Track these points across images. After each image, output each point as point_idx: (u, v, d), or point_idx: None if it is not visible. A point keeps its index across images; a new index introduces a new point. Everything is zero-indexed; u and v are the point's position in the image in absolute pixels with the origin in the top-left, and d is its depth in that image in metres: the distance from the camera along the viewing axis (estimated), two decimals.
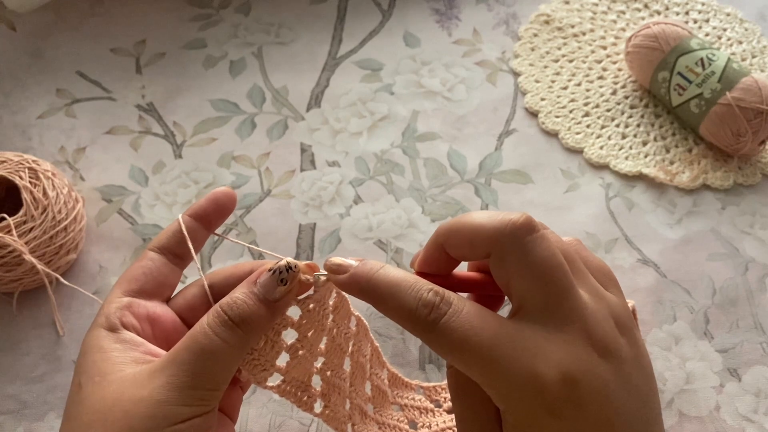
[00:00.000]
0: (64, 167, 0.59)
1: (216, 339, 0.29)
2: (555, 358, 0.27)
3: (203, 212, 0.35)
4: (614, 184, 0.59)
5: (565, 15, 0.70)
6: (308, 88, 0.65)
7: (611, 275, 0.32)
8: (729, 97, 0.57)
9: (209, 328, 0.30)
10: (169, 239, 0.35)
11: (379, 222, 0.57)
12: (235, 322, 0.30)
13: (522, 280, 0.28)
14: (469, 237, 0.30)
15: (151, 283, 0.34)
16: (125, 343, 0.31)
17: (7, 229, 0.48)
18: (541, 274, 0.28)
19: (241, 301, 0.30)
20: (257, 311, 0.30)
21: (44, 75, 0.65)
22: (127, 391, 0.28)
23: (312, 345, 0.35)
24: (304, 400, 0.36)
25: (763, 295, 0.53)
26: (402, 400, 0.44)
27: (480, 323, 0.28)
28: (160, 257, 0.34)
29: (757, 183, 0.60)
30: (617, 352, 0.28)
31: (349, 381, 0.39)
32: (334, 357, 0.37)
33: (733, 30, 0.70)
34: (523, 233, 0.28)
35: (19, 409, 0.48)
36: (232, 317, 0.30)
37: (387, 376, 0.44)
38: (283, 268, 0.31)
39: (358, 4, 0.71)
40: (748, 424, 0.47)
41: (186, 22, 0.70)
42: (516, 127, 0.63)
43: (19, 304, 0.52)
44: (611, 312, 0.29)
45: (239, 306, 0.30)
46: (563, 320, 0.28)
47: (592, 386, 0.27)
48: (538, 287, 0.28)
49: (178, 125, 0.62)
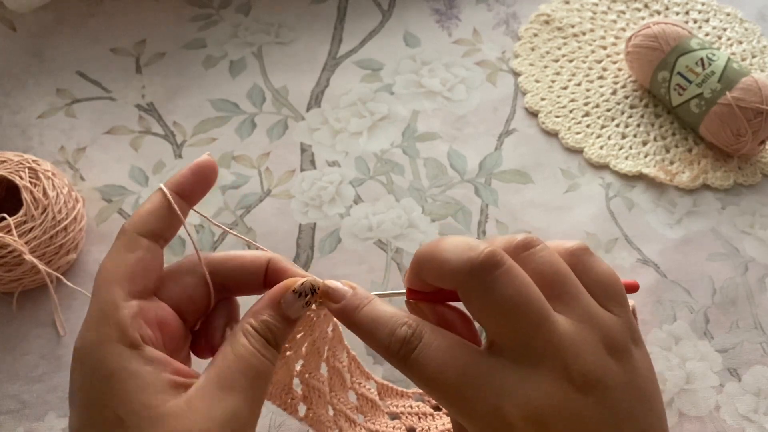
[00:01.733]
0: (64, 167, 0.59)
1: (265, 361, 0.30)
2: (523, 397, 0.26)
3: (186, 184, 0.32)
4: (614, 184, 0.59)
5: (565, 15, 0.70)
6: (308, 88, 0.65)
7: (615, 288, 0.30)
8: (729, 97, 0.57)
9: (258, 352, 0.29)
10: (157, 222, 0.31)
11: (379, 222, 0.57)
12: (272, 344, 0.30)
13: (489, 319, 0.28)
14: (436, 271, 0.29)
15: (153, 279, 0.31)
16: (153, 363, 0.28)
17: (7, 229, 0.48)
18: (506, 313, 0.27)
19: (276, 322, 0.30)
20: (287, 331, 0.31)
21: (44, 75, 0.65)
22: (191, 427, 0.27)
23: (299, 348, 0.36)
24: (288, 402, 0.37)
25: (763, 295, 0.53)
26: (397, 408, 0.44)
27: (449, 359, 0.28)
28: (155, 246, 0.31)
29: (757, 183, 0.60)
30: (603, 382, 0.27)
31: (328, 386, 0.39)
32: (312, 360, 0.38)
33: (733, 30, 0.70)
34: (485, 272, 0.27)
35: (19, 409, 0.48)
36: (270, 341, 0.30)
37: (376, 388, 0.44)
38: (308, 291, 0.31)
39: (358, 4, 0.71)
40: (748, 424, 0.47)
41: (186, 22, 0.70)
42: (516, 127, 0.63)
43: (19, 304, 0.52)
44: (602, 335, 0.28)
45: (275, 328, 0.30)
46: (536, 356, 0.27)
47: (564, 425, 0.26)
48: (506, 326, 0.27)
49: (178, 125, 0.62)
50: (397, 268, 0.54)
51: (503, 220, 0.57)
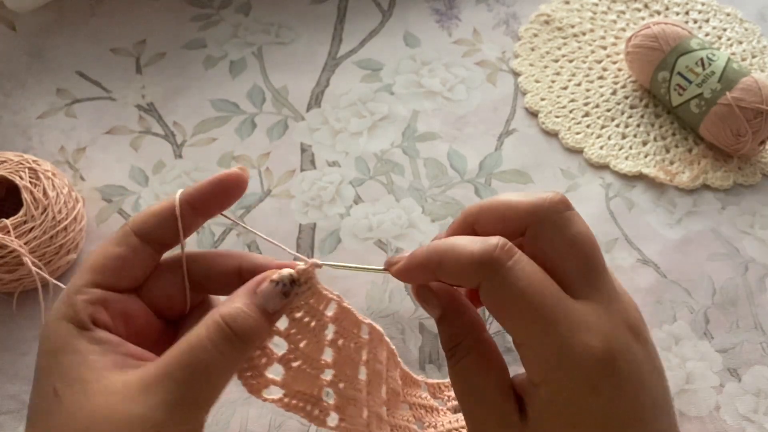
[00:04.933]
0: (64, 167, 0.59)
1: (217, 355, 0.27)
2: (602, 333, 0.27)
3: (201, 196, 0.30)
4: (614, 184, 0.59)
5: (565, 15, 0.70)
6: (308, 88, 0.65)
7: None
8: (729, 97, 0.57)
9: (210, 343, 0.27)
10: (158, 226, 0.30)
11: (379, 222, 0.57)
12: (237, 335, 0.28)
13: (562, 255, 0.28)
14: (503, 213, 0.29)
15: (128, 277, 0.30)
16: (102, 344, 0.28)
17: (6, 230, 0.48)
18: (581, 248, 0.28)
19: (244, 313, 0.28)
20: (259, 323, 0.29)
21: (44, 75, 0.65)
22: (119, 406, 0.26)
23: (309, 357, 0.34)
24: (315, 414, 0.35)
25: (763, 295, 0.53)
26: (411, 398, 0.43)
27: (543, 279, 0.27)
28: (143, 247, 0.30)
29: (757, 183, 0.60)
30: (646, 337, 0.28)
31: (366, 390, 0.37)
32: (345, 368, 0.35)
33: (733, 30, 0.70)
34: (561, 208, 0.28)
35: (19, 409, 0.48)
36: (235, 330, 0.28)
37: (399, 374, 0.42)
38: (286, 281, 0.29)
39: (358, 4, 0.71)
40: (748, 424, 0.47)
41: (186, 22, 0.70)
42: (516, 127, 0.63)
43: (19, 304, 0.51)
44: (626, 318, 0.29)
45: (242, 318, 0.28)
46: (605, 298, 0.28)
47: (630, 366, 0.27)
48: (580, 262, 0.28)
49: (178, 125, 0.62)
50: None
51: None
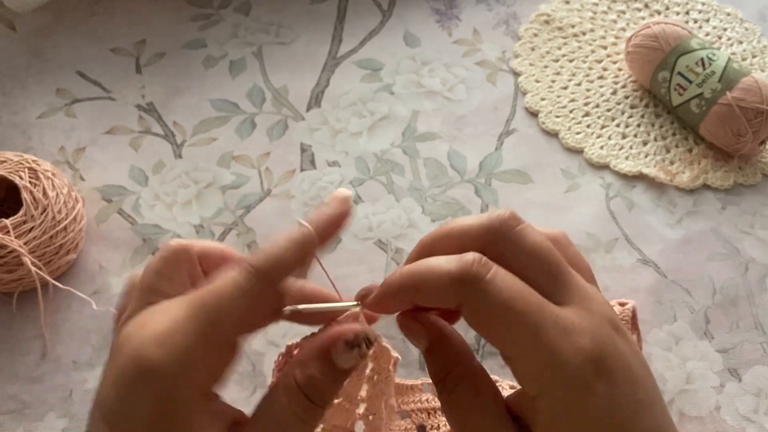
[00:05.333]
0: (64, 167, 0.59)
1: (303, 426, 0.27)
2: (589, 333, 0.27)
3: (329, 227, 0.31)
4: (614, 184, 0.59)
5: (565, 15, 0.70)
6: (308, 88, 0.65)
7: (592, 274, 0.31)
8: (729, 97, 0.57)
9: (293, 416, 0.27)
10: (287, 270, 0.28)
11: (379, 222, 0.56)
12: (317, 404, 0.28)
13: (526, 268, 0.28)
14: (458, 238, 0.29)
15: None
16: (218, 418, 0.27)
17: (6, 230, 0.48)
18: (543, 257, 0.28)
19: (322, 382, 0.28)
20: (337, 386, 0.29)
21: (44, 75, 0.65)
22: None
23: (350, 395, 0.35)
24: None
25: (763, 295, 0.53)
26: (408, 405, 0.44)
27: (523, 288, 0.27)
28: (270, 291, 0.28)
29: (757, 183, 0.60)
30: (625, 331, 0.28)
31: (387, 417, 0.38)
32: (376, 401, 0.36)
33: (734, 30, 0.70)
34: (513, 224, 0.28)
35: (19, 409, 0.48)
36: (316, 401, 0.28)
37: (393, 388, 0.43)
38: (362, 342, 0.28)
39: (358, 4, 0.71)
40: (749, 424, 0.47)
41: (186, 22, 0.70)
42: (516, 127, 0.63)
43: (19, 304, 0.51)
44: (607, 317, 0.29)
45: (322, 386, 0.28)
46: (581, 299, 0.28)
47: (620, 363, 0.27)
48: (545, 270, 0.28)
49: (178, 125, 0.62)
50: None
51: None
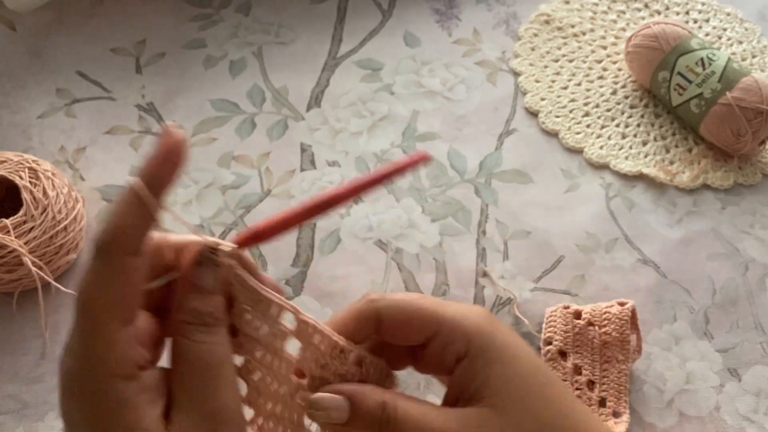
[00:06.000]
0: (64, 167, 0.59)
1: (213, 347, 0.27)
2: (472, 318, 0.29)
3: (158, 177, 0.28)
4: (614, 184, 0.59)
5: (565, 15, 0.70)
6: (308, 88, 0.65)
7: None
8: (729, 96, 0.57)
9: (203, 343, 0.27)
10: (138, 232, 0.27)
11: (379, 222, 0.57)
12: (211, 324, 0.27)
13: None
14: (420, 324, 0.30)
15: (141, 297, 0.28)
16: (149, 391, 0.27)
17: (6, 230, 0.48)
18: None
19: (201, 305, 0.27)
20: (217, 301, 0.28)
21: (44, 75, 0.65)
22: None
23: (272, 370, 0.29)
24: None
25: (763, 295, 0.53)
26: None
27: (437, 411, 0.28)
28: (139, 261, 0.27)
29: (757, 183, 0.60)
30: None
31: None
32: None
33: (733, 30, 0.70)
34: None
35: (19, 409, 0.48)
36: (208, 322, 0.27)
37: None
38: (207, 257, 0.28)
39: (358, 4, 0.71)
40: (748, 424, 0.47)
41: (186, 22, 0.70)
42: (516, 127, 0.63)
43: (19, 304, 0.51)
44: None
45: (204, 307, 0.27)
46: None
47: (504, 337, 0.29)
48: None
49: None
50: (397, 268, 0.54)
51: (503, 220, 0.57)
